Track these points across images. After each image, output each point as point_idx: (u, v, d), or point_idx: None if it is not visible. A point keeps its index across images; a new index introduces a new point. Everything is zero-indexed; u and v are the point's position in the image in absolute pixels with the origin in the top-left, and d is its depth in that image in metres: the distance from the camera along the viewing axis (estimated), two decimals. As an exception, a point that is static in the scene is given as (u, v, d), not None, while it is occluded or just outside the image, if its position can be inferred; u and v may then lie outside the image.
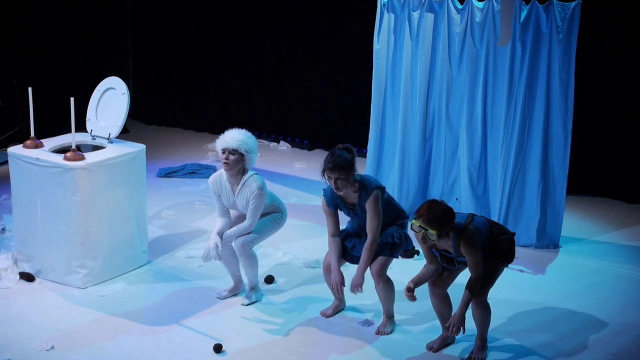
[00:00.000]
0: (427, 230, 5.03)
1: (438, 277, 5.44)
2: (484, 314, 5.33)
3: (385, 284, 5.69)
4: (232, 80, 11.06)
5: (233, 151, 5.79)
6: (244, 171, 5.90)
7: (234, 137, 5.85)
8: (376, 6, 7.82)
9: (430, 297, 5.52)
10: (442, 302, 5.48)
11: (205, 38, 11.01)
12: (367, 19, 8.71)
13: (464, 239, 5.11)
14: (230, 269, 6.18)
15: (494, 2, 7.20)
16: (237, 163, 5.83)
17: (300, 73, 10.61)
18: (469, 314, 5.40)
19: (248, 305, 6.08)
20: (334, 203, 5.73)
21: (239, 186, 5.88)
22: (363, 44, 8.98)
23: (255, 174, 5.92)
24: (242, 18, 10.77)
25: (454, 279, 5.51)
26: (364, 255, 5.60)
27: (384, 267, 5.68)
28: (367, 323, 5.89)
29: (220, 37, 10.90)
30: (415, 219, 5.09)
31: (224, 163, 5.82)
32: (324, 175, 5.57)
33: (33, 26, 10.19)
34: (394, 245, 5.68)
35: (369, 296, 5.98)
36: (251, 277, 6.09)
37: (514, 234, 5.41)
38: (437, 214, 5.04)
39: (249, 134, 5.93)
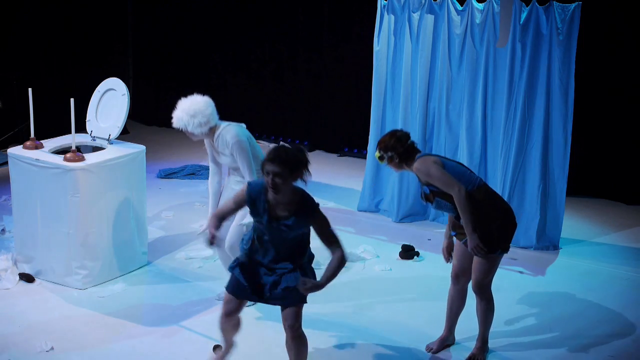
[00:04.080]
0: (378, 151, 5.22)
1: (460, 268, 5.37)
2: (487, 308, 5.30)
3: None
4: (232, 81, 11.07)
5: (182, 130, 5.80)
6: (215, 128, 5.81)
7: (175, 116, 5.77)
8: (376, 7, 7.83)
9: (450, 289, 5.47)
10: (458, 296, 5.43)
11: (205, 39, 11.02)
12: (367, 20, 8.72)
13: (418, 162, 5.12)
14: (229, 269, 6.17)
15: (494, 4, 7.21)
16: (192, 137, 5.82)
17: (300, 74, 10.62)
18: (473, 311, 5.40)
19: (248, 306, 6.08)
20: (253, 200, 4.62)
21: (215, 141, 5.84)
22: (363, 45, 8.99)
23: (230, 124, 5.81)
24: (242, 19, 10.78)
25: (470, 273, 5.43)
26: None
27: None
28: (365, 324, 5.89)
29: (220, 38, 10.91)
30: None
31: None
32: (262, 169, 4.54)
33: (33, 27, 10.19)
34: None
35: (370, 298, 5.98)
36: None
37: (507, 218, 5.21)
38: (382, 140, 5.23)
39: (182, 106, 5.75)
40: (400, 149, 5.16)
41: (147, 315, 5.95)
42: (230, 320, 4.91)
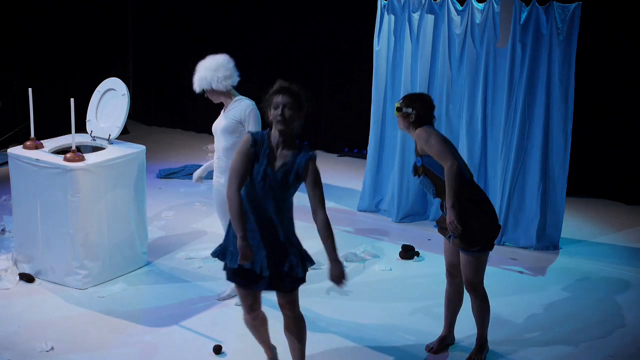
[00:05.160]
0: (401, 102, 5.25)
1: (451, 266, 5.39)
2: (482, 306, 5.29)
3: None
4: (232, 81, 11.07)
5: (203, 92, 5.85)
6: (231, 94, 5.90)
7: (195, 79, 5.83)
8: (376, 7, 7.83)
9: (446, 287, 5.48)
10: (454, 293, 5.44)
11: (205, 39, 11.02)
12: (367, 20, 8.72)
13: (420, 129, 5.14)
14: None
15: (494, 4, 7.21)
16: (214, 97, 5.89)
17: (299, 74, 10.62)
18: (469, 310, 5.40)
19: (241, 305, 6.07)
20: (257, 144, 4.45)
21: (228, 108, 5.90)
22: (363, 45, 8.99)
23: (247, 99, 5.90)
24: (242, 20, 10.78)
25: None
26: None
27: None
28: (365, 324, 5.89)
29: (220, 37, 10.91)
30: None
31: None
32: (268, 104, 4.49)
33: (34, 27, 10.19)
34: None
35: (370, 298, 5.95)
36: None
37: (488, 217, 5.20)
38: (411, 95, 5.33)
39: (204, 63, 5.84)
40: (421, 111, 5.20)
41: (147, 315, 5.95)
42: (255, 317, 4.78)
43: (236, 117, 5.82)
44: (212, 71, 5.79)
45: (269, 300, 5.38)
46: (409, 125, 5.23)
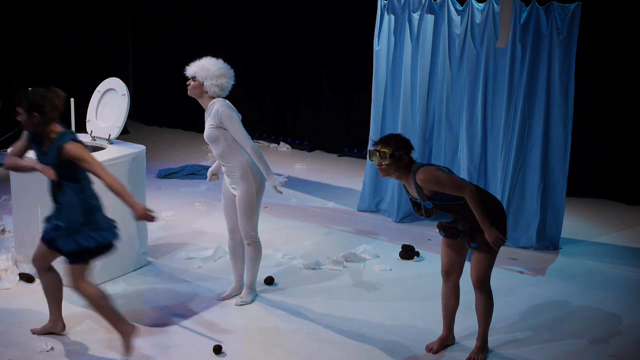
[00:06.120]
0: (379, 149, 5.01)
1: (449, 265, 5.39)
2: (487, 302, 5.28)
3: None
4: (232, 81, 11.07)
5: (192, 77, 5.83)
6: (211, 98, 5.86)
7: (196, 64, 5.85)
8: (376, 7, 7.83)
9: (442, 288, 5.47)
10: (451, 293, 5.42)
11: (205, 39, 11.03)
12: (367, 20, 8.72)
13: (421, 173, 4.98)
14: (236, 269, 6.17)
15: (494, 4, 7.21)
16: (196, 89, 5.84)
17: (300, 74, 10.62)
18: (473, 311, 5.40)
19: (241, 305, 6.07)
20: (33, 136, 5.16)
21: (206, 113, 5.89)
22: (363, 45, 8.99)
23: (225, 99, 5.86)
24: (242, 20, 10.79)
25: (462, 267, 5.41)
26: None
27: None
28: (365, 324, 5.89)
29: (220, 38, 10.92)
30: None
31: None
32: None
33: (34, 27, 10.19)
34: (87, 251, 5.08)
35: (370, 298, 5.93)
36: (252, 273, 6.07)
37: (500, 210, 5.20)
38: (391, 137, 5.09)
39: (216, 62, 5.85)
40: (410, 150, 5.06)
41: (147, 315, 5.95)
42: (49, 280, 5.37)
43: (213, 123, 5.80)
44: (215, 72, 5.78)
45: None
46: (400, 169, 5.02)
